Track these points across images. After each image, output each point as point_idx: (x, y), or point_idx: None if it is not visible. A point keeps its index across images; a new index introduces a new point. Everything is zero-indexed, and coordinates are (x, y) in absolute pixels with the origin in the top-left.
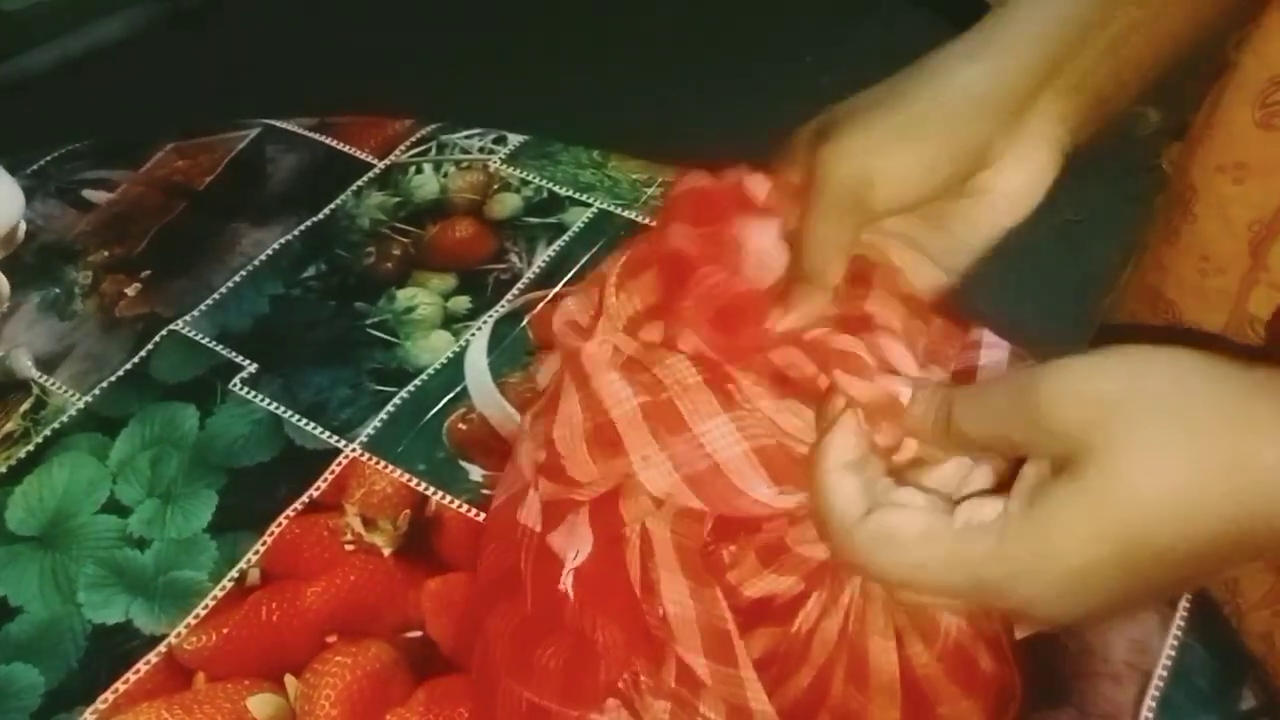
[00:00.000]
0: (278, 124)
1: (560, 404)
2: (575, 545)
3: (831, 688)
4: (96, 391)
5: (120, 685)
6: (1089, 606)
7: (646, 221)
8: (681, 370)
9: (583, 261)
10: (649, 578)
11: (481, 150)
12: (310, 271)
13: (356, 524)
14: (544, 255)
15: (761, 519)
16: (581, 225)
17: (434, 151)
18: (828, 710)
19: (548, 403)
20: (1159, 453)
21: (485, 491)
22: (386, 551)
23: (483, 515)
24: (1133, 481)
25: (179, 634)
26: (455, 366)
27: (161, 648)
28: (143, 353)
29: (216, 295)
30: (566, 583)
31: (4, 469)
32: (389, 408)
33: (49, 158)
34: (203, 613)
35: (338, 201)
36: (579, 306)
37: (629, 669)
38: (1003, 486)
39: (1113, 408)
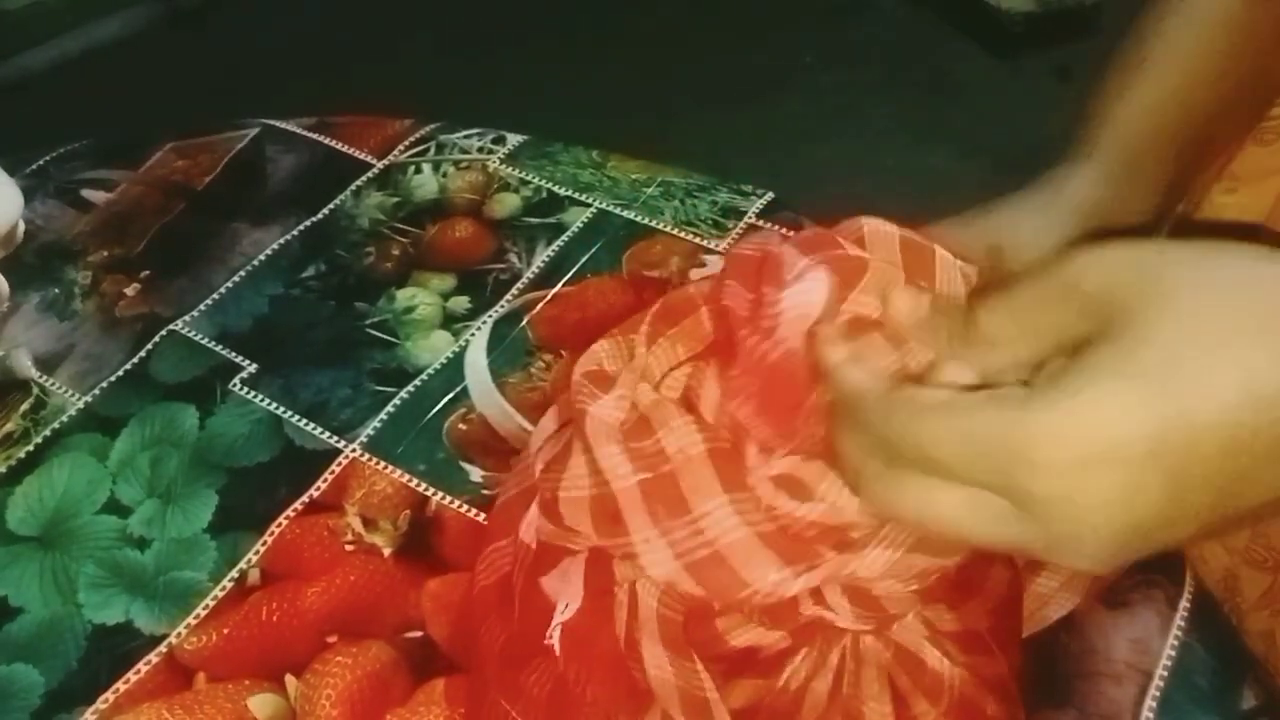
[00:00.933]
0: (277, 124)
1: (570, 461)
2: (566, 596)
3: None
4: (96, 391)
5: (121, 685)
6: (1115, 515)
7: (647, 222)
8: (686, 437)
9: (582, 261)
10: (632, 637)
11: (481, 150)
12: (310, 271)
13: (357, 524)
14: (543, 255)
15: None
16: (581, 225)
17: (433, 151)
18: None
19: (563, 448)
20: (1205, 319)
21: (485, 492)
22: (387, 552)
23: (483, 516)
24: (1173, 348)
25: (179, 634)
26: (455, 366)
27: (162, 648)
28: (142, 353)
29: (216, 295)
30: (554, 636)
31: (4, 469)
32: (389, 408)
33: (48, 158)
34: (203, 613)
35: (337, 201)
36: (609, 353)
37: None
38: None
39: (1154, 270)
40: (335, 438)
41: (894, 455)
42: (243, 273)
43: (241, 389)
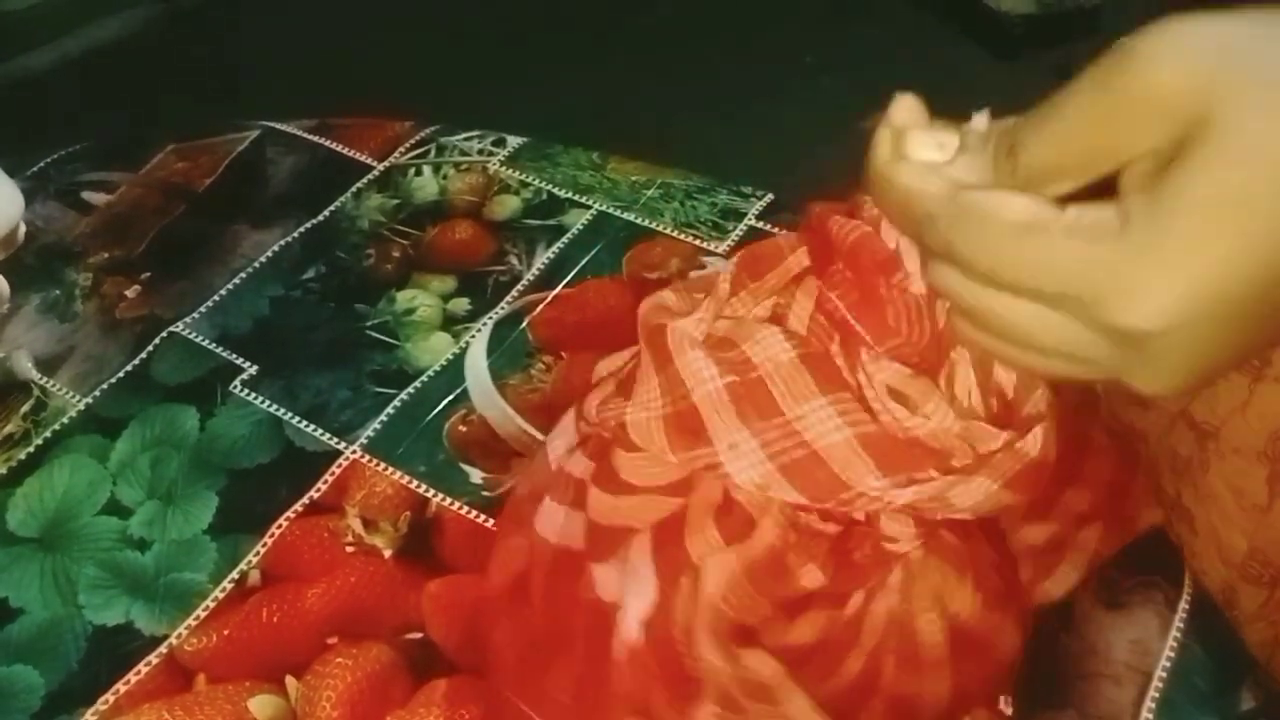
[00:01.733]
0: (277, 126)
1: (636, 389)
2: (634, 589)
3: (883, 673)
4: (97, 393)
5: (121, 686)
6: (1199, 355)
7: (646, 223)
8: (774, 345)
9: (582, 263)
10: (689, 624)
11: (481, 152)
12: (310, 273)
13: (357, 525)
14: (543, 257)
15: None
16: (581, 227)
17: (433, 153)
18: (880, 695)
19: (616, 388)
20: None
21: (485, 494)
22: (387, 553)
23: (482, 517)
24: (1276, 154)
25: (180, 635)
26: (455, 368)
27: (162, 649)
28: (143, 354)
29: (217, 297)
30: (631, 634)
31: (5, 470)
32: (389, 409)
33: (49, 159)
34: (203, 614)
35: (337, 203)
36: (678, 300)
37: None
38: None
39: (1242, 54)
40: (335, 439)
41: (964, 266)
42: (243, 274)
43: (242, 390)
